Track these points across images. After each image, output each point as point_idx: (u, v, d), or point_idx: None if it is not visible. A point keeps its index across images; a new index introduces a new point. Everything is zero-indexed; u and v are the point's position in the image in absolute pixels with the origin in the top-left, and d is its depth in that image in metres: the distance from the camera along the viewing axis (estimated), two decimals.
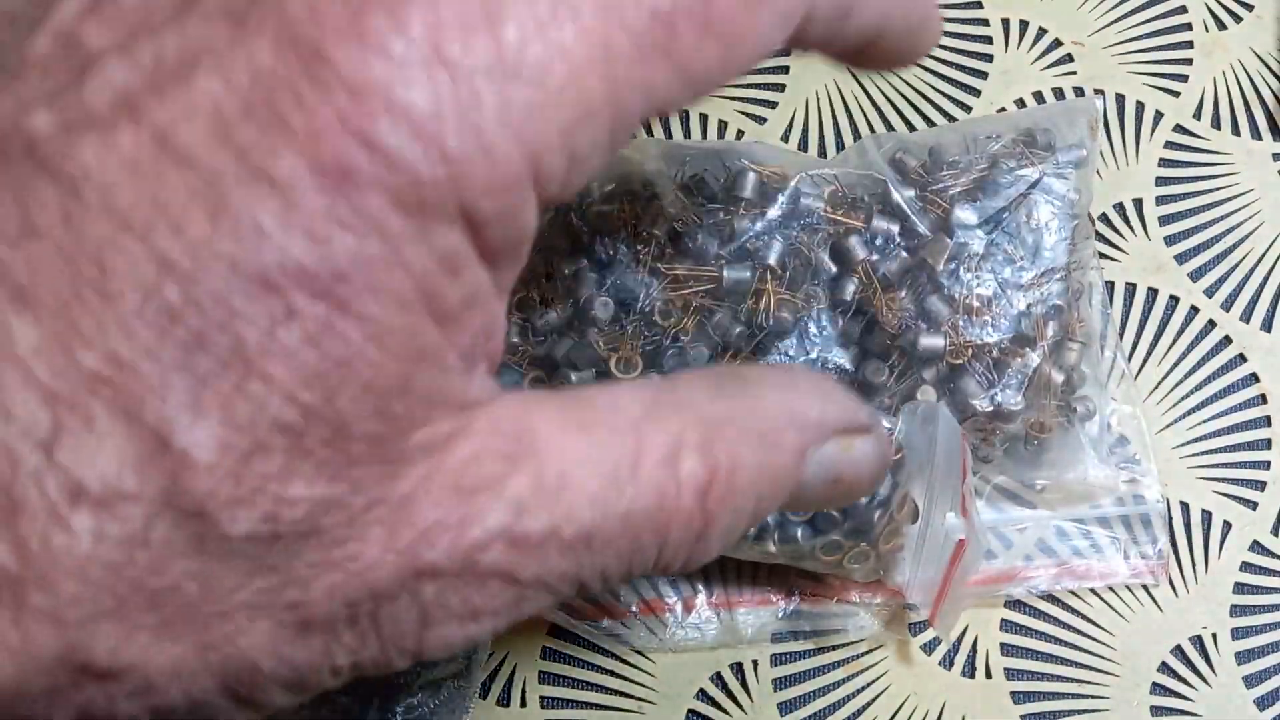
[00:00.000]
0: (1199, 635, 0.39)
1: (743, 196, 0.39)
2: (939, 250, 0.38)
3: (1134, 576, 0.39)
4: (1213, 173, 0.46)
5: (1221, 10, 0.48)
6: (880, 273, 0.37)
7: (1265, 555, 0.40)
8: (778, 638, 0.39)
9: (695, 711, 0.39)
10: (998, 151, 0.39)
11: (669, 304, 0.38)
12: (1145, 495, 0.40)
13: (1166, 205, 0.45)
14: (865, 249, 0.38)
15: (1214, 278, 0.44)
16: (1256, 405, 0.42)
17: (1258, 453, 0.42)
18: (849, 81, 0.47)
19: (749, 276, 0.37)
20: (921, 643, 0.39)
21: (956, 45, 0.48)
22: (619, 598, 0.39)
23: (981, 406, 0.37)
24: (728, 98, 0.47)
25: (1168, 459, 0.41)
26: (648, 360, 0.38)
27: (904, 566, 0.38)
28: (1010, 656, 0.39)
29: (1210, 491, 0.41)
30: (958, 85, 0.47)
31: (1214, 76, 0.47)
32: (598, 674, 0.39)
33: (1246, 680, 0.39)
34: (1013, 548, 0.40)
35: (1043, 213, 0.39)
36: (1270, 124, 0.46)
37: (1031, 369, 0.37)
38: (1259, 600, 0.40)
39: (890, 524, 0.36)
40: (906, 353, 0.37)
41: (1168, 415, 0.42)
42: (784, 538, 0.36)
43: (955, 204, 0.38)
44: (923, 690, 0.39)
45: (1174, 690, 0.39)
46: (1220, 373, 0.43)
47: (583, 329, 0.38)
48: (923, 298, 0.38)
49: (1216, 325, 0.43)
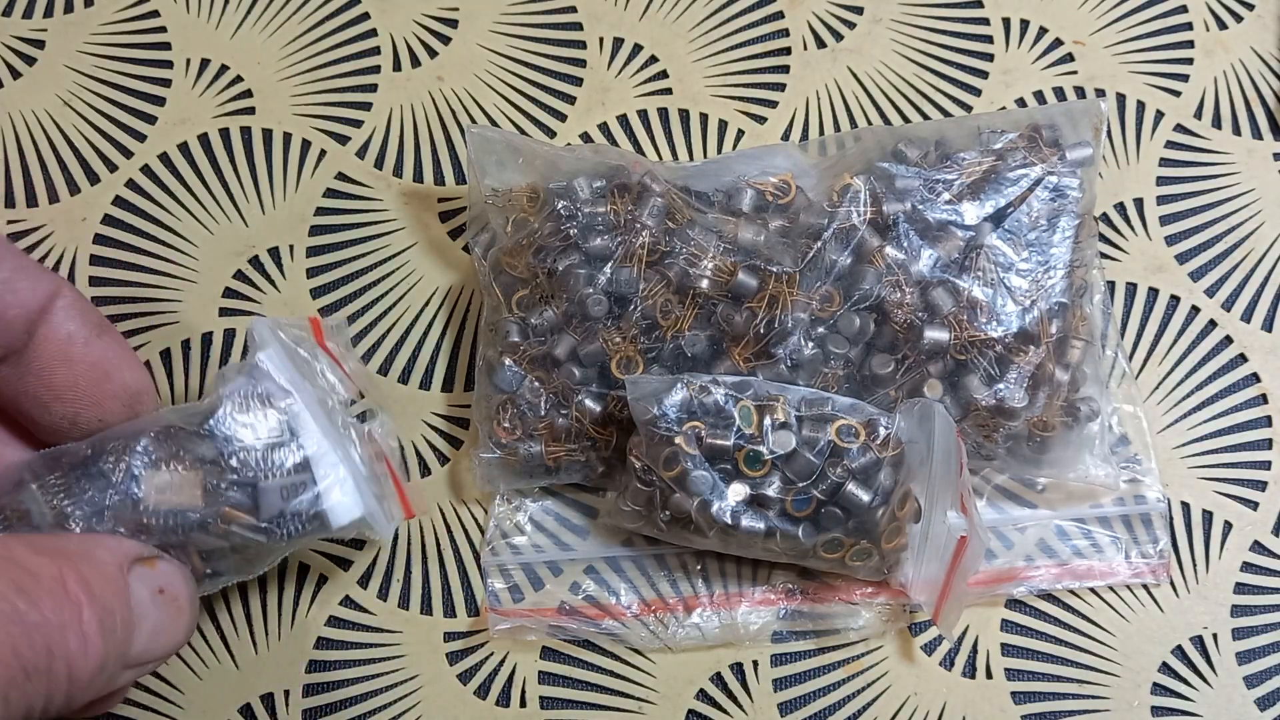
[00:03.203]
0: (1200, 635, 0.39)
1: (741, 210, 0.39)
2: (944, 243, 0.38)
3: (1135, 576, 0.39)
4: (1214, 172, 0.46)
5: (1222, 10, 0.48)
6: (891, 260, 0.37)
7: (1266, 555, 0.40)
8: (778, 638, 0.39)
9: (695, 712, 0.38)
10: (1004, 147, 0.39)
11: (668, 301, 0.38)
12: (1146, 495, 0.40)
13: (1167, 205, 0.45)
14: (877, 238, 0.38)
15: (1215, 277, 0.44)
16: (1257, 405, 0.42)
17: (1258, 453, 0.42)
18: (849, 81, 0.47)
19: (754, 284, 0.37)
20: (922, 643, 0.39)
21: (957, 44, 0.48)
22: (619, 597, 0.39)
23: (985, 402, 0.37)
24: (728, 98, 0.47)
25: (1169, 459, 0.41)
26: (648, 360, 0.38)
27: (907, 566, 0.38)
28: (1011, 657, 0.39)
29: (1211, 491, 0.41)
30: (958, 84, 0.47)
31: (1215, 76, 0.47)
32: (598, 674, 0.39)
33: (1247, 680, 0.39)
34: (1014, 548, 0.40)
35: (1047, 209, 0.39)
36: (1271, 123, 0.46)
37: (1034, 366, 0.37)
38: (1260, 600, 0.40)
39: (893, 522, 0.36)
40: (913, 346, 0.37)
41: (1169, 415, 0.42)
42: (786, 535, 0.36)
43: (961, 198, 0.38)
44: (923, 690, 0.39)
45: (1175, 690, 0.39)
46: (1221, 373, 0.43)
47: (582, 327, 0.38)
48: (927, 290, 0.38)
49: (1217, 325, 0.43)
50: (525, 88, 0.47)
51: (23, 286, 0.30)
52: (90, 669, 0.25)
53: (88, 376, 0.32)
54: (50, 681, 0.24)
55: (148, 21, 0.48)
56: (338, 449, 0.32)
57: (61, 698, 0.25)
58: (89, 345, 0.31)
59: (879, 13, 0.48)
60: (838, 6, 0.49)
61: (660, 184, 0.39)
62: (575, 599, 0.39)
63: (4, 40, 0.48)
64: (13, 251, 0.30)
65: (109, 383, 0.32)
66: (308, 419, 0.32)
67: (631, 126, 0.46)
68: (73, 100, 0.47)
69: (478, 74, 0.47)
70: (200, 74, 0.47)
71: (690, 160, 0.46)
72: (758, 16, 0.48)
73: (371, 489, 0.33)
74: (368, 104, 0.47)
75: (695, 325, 0.38)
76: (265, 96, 0.47)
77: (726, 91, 0.47)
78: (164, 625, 0.28)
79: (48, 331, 0.31)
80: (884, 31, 0.48)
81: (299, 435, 0.32)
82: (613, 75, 0.47)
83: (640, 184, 0.39)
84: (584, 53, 0.48)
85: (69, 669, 0.25)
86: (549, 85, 0.47)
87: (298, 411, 0.32)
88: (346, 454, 0.33)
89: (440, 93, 0.47)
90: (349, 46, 0.48)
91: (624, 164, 0.39)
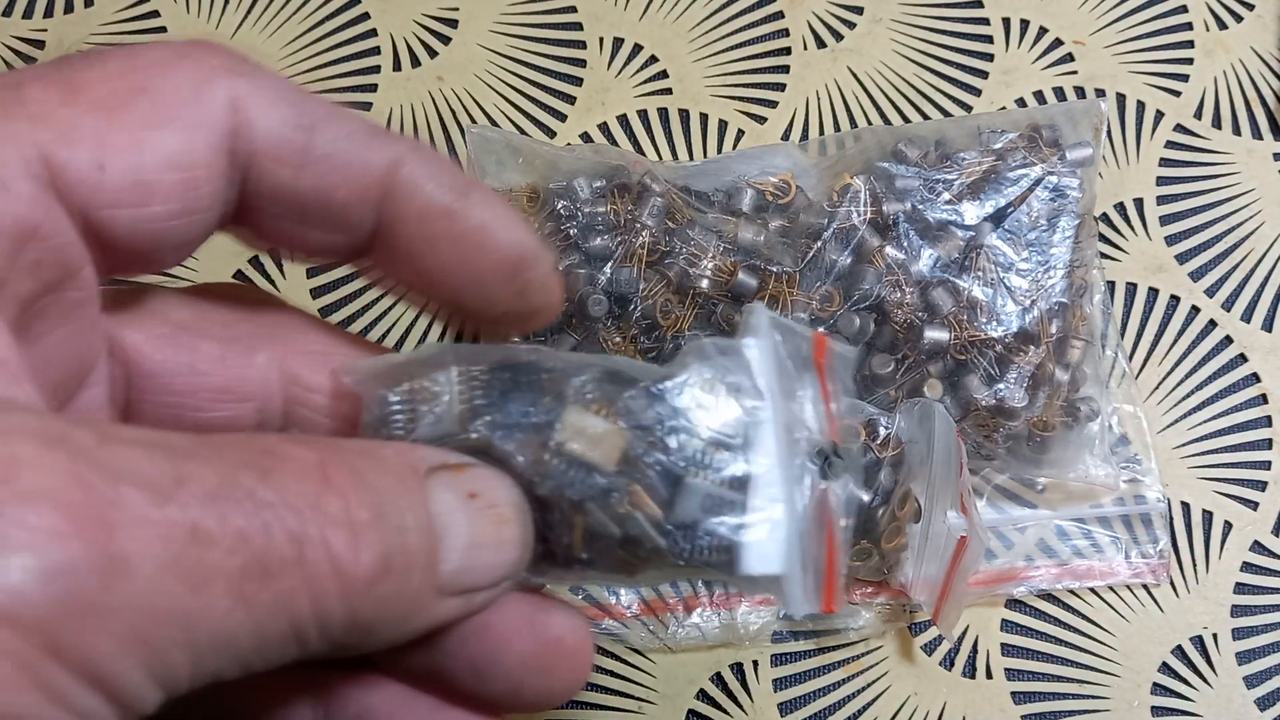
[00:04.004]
0: (1199, 635, 0.39)
1: (741, 210, 0.39)
2: (944, 243, 0.38)
3: (1135, 576, 0.39)
4: (1214, 172, 0.46)
5: (1222, 9, 0.48)
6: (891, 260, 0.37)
7: (1266, 555, 0.40)
8: (778, 637, 0.39)
9: (695, 712, 0.38)
10: (1004, 147, 0.39)
11: (668, 301, 0.38)
12: (1146, 495, 0.40)
13: (1167, 205, 0.45)
14: (877, 238, 0.38)
15: (1215, 277, 0.44)
16: (1257, 405, 0.42)
17: (1258, 453, 0.42)
18: (850, 81, 0.47)
19: (754, 285, 0.37)
20: (922, 643, 0.39)
21: (957, 44, 0.48)
22: (619, 597, 0.39)
23: (985, 402, 0.37)
24: (729, 97, 0.47)
25: (1169, 459, 0.41)
26: (649, 360, 0.38)
27: (906, 566, 0.38)
28: (1011, 657, 0.39)
29: (1211, 491, 0.41)
30: (958, 84, 0.47)
31: (1215, 76, 0.47)
32: (598, 674, 0.39)
33: (1247, 680, 0.39)
34: (1014, 548, 0.40)
35: (1047, 209, 0.39)
36: (1271, 123, 0.46)
37: (1034, 366, 0.37)
38: (1260, 600, 0.40)
39: (893, 522, 0.36)
40: (913, 346, 0.37)
41: (1169, 415, 0.42)
42: None
43: (961, 198, 0.38)
44: (923, 691, 0.39)
45: (1174, 690, 0.39)
46: (1221, 373, 0.43)
47: (582, 327, 0.38)
48: (927, 290, 0.38)
49: (1217, 325, 0.43)
50: (525, 88, 0.47)
51: (354, 156, 0.23)
52: (367, 570, 0.19)
53: (456, 252, 0.24)
54: (307, 581, 0.18)
55: (147, 22, 0.48)
56: (785, 487, 0.26)
57: (339, 607, 0.19)
58: (451, 214, 0.24)
59: (879, 13, 0.48)
60: (838, 6, 0.49)
61: (660, 184, 0.39)
62: (575, 599, 0.39)
63: (4, 41, 0.48)
64: (343, 115, 0.23)
65: (484, 254, 0.25)
66: (768, 435, 0.26)
67: (631, 126, 0.46)
68: None
69: (478, 74, 0.47)
70: None
71: (690, 160, 0.46)
72: (758, 16, 0.48)
73: (801, 550, 0.26)
74: (367, 104, 0.47)
75: (695, 325, 0.38)
76: None
77: (726, 91, 0.47)
78: (483, 536, 0.22)
79: (397, 207, 0.24)
80: (884, 31, 0.48)
81: (751, 449, 0.25)
82: (613, 75, 0.47)
83: (640, 184, 0.39)
84: (584, 53, 0.48)
85: (334, 567, 0.19)
86: (549, 85, 0.47)
87: (762, 421, 0.26)
88: (790, 497, 0.26)
89: (440, 93, 0.47)
90: (349, 46, 0.48)
91: (624, 164, 0.39)
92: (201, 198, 0.22)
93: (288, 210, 0.23)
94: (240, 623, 0.18)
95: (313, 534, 0.18)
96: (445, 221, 0.24)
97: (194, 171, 0.21)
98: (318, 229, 0.24)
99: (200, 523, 0.17)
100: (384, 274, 0.25)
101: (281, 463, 0.19)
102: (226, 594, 0.17)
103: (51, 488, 0.16)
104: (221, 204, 0.22)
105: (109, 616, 0.16)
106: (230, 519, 0.17)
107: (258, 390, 0.25)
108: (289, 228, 0.24)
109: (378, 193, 0.24)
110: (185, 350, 0.24)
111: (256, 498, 0.18)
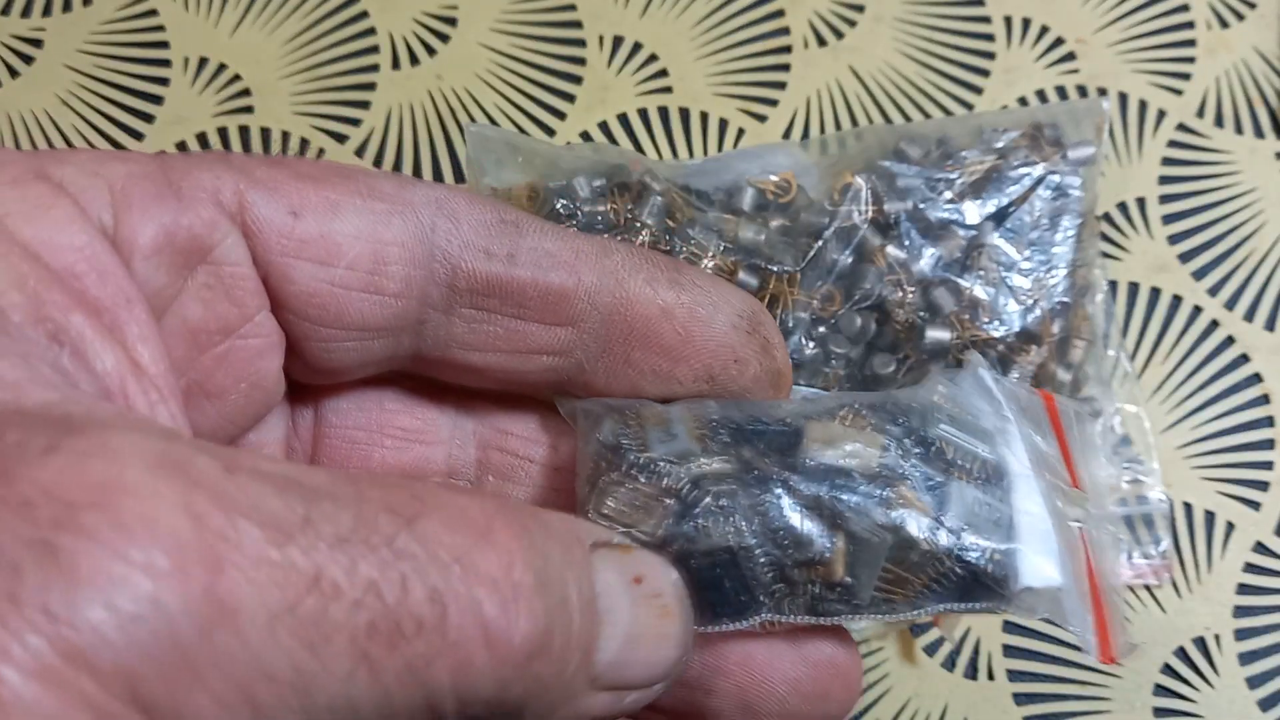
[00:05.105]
0: (1202, 636, 0.39)
1: (742, 209, 0.39)
2: (946, 242, 0.38)
3: (1137, 577, 0.39)
4: (1216, 172, 0.46)
5: (1224, 8, 0.48)
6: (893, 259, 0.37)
7: (1268, 556, 0.40)
8: None
9: None
10: (1006, 146, 0.39)
11: None
12: (1148, 495, 0.40)
13: (1169, 204, 0.45)
14: (878, 237, 0.38)
15: (1217, 277, 0.44)
16: (1260, 405, 0.42)
17: (1261, 453, 0.42)
18: (850, 80, 0.47)
19: (755, 284, 0.37)
20: (924, 644, 0.39)
21: (958, 43, 0.48)
22: None
23: None
24: (729, 96, 0.47)
25: (1171, 459, 0.41)
26: None
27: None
28: (1013, 658, 0.39)
29: (1213, 492, 0.41)
30: (960, 83, 0.47)
31: (1217, 75, 0.47)
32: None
33: (1250, 681, 0.39)
34: None
35: (1049, 209, 0.39)
36: (1273, 122, 0.46)
37: (1036, 366, 0.37)
38: (1262, 601, 0.40)
39: None
40: (914, 346, 0.37)
41: (1171, 415, 0.42)
42: None
43: (962, 196, 0.38)
44: (924, 692, 0.38)
45: (1177, 692, 0.38)
46: (1223, 373, 0.43)
47: None
48: (929, 290, 0.37)
49: (1220, 325, 0.43)
50: (525, 86, 0.47)
51: (555, 271, 0.22)
52: (525, 641, 0.17)
53: (662, 344, 0.23)
54: (450, 647, 0.16)
55: (146, 20, 0.48)
56: (1044, 500, 0.24)
57: (487, 682, 0.16)
58: (666, 306, 0.23)
59: (880, 11, 0.48)
60: (839, 4, 0.48)
61: (660, 183, 0.39)
62: None
63: (2, 39, 0.48)
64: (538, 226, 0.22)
65: (689, 347, 0.23)
66: (1016, 440, 0.24)
67: (631, 125, 0.46)
68: (71, 99, 0.47)
69: (477, 73, 0.47)
70: (199, 73, 0.47)
71: (690, 159, 0.45)
72: (758, 15, 0.48)
73: (1072, 571, 0.23)
74: (366, 103, 0.47)
75: None
76: (264, 95, 0.47)
77: (727, 90, 0.47)
78: (645, 628, 0.19)
79: (608, 302, 0.22)
80: (885, 30, 0.48)
81: (1005, 466, 0.23)
82: (613, 74, 0.47)
83: (640, 183, 0.39)
84: (584, 51, 0.48)
85: (485, 634, 0.16)
86: (548, 84, 0.47)
87: (1010, 432, 0.24)
88: (1046, 513, 0.24)
89: (439, 91, 0.47)
90: (348, 45, 0.48)
91: (624, 162, 0.39)
92: (392, 277, 0.20)
93: (504, 302, 0.22)
94: (363, 689, 0.15)
95: (460, 592, 0.16)
96: (661, 314, 0.23)
97: (385, 247, 0.20)
98: (536, 319, 0.22)
99: (325, 569, 0.15)
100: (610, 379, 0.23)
101: (432, 510, 0.17)
102: (349, 654, 0.15)
103: (156, 517, 0.14)
104: (418, 296, 0.21)
105: (208, 671, 0.14)
106: (361, 568, 0.15)
107: (447, 434, 0.23)
108: (501, 331, 0.22)
109: (586, 293, 0.22)
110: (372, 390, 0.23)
111: (395, 546, 0.16)
